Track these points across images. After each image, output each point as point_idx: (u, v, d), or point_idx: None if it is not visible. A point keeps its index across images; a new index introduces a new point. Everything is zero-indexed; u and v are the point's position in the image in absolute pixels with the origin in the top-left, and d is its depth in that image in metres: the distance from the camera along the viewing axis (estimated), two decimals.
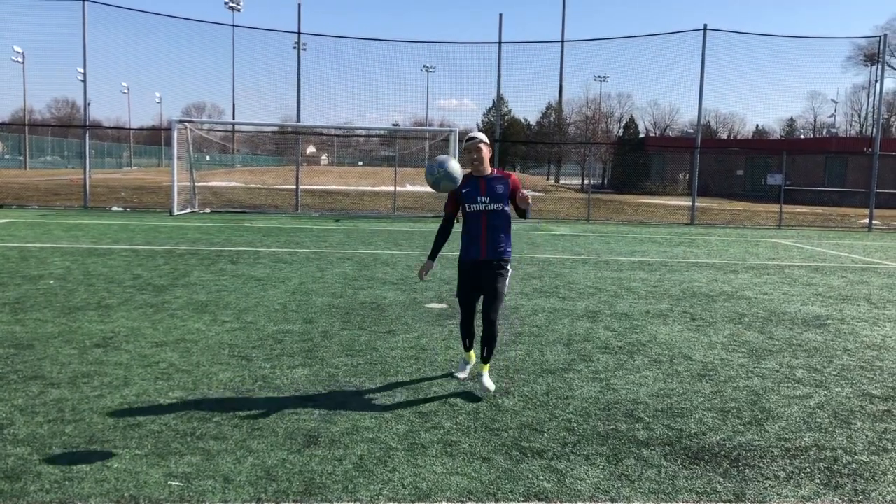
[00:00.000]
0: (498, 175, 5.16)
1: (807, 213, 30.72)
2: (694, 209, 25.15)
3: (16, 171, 55.37)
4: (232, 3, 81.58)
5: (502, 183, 5.11)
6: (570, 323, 7.66)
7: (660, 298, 9.35)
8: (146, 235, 14.97)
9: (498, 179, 5.13)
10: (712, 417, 4.85)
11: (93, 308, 7.62)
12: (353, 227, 19.01)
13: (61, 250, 12.19)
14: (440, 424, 4.54)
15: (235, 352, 6.08)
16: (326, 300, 8.46)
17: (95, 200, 24.04)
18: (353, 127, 34.13)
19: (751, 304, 9.13)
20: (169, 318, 7.28)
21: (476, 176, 5.14)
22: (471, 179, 5.13)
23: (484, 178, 5.12)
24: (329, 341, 6.53)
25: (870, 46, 58.07)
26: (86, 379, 5.19)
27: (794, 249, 16.70)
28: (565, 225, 22.46)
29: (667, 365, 6.15)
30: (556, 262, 12.67)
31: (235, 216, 21.46)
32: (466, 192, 5.10)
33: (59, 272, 9.84)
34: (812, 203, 38.94)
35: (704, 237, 19.38)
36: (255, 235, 15.69)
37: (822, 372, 6.10)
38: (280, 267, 11.00)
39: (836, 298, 9.85)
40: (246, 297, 8.47)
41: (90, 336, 6.44)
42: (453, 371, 5.53)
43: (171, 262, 11.08)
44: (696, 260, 13.81)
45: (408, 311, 7.99)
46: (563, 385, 5.45)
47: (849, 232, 23.65)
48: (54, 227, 16.31)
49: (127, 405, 4.68)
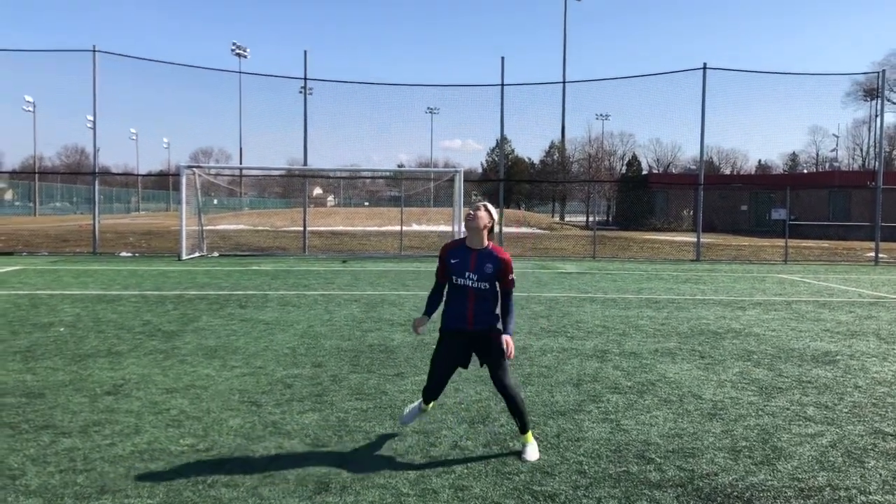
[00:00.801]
0: (492, 252, 4.82)
1: (812, 248, 30.71)
2: (699, 245, 25.18)
3: (26, 217, 55.91)
4: (238, 49, 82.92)
5: (492, 262, 4.77)
6: (578, 363, 7.66)
7: (668, 336, 9.34)
8: (155, 281, 15.06)
9: (489, 257, 4.79)
10: (724, 457, 4.83)
11: (103, 355, 7.66)
12: (360, 268, 19.08)
13: (71, 297, 12.27)
14: (451, 469, 4.53)
15: (245, 397, 6.10)
16: (335, 343, 8.49)
17: (105, 246, 24.22)
18: (359, 169, 34.39)
19: (759, 341, 9.12)
20: (179, 363, 7.31)
21: (469, 247, 4.83)
22: (462, 250, 4.84)
23: (476, 252, 4.80)
24: (338, 385, 6.55)
25: (868, 82, 58.62)
26: (97, 427, 5.22)
27: (800, 284, 16.68)
28: (571, 263, 22.49)
29: (677, 404, 6.14)
30: (563, 301, 12.68)
31: (243, 259, 21.58)
32: (455, 264, 4.81)
33: (69, 319, 9.90)
34: (817, 237, 38.92)
35: (711, 273, 19.38)
36: (263, 279, 15.77)
37: (833, 409, 6.07)
38: (288, 310, 11.04)
39: (845, 334, 9.82)
40: (255, 342, 8.50)
41: (101, 383, 6.47)
42: (404, 416, 5.23)
43: (180, 308, 11.14)
44: (704, 297, 13.80)
45: (416, 352, 8.00)
46: (574, 426, 5.44)
47: (855, 266, 23.61)
48: (64, 273, 16.42)
49: (138, 453, 4.70)
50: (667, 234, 40.47)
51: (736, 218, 50.95)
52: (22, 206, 67.70)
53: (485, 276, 4.77)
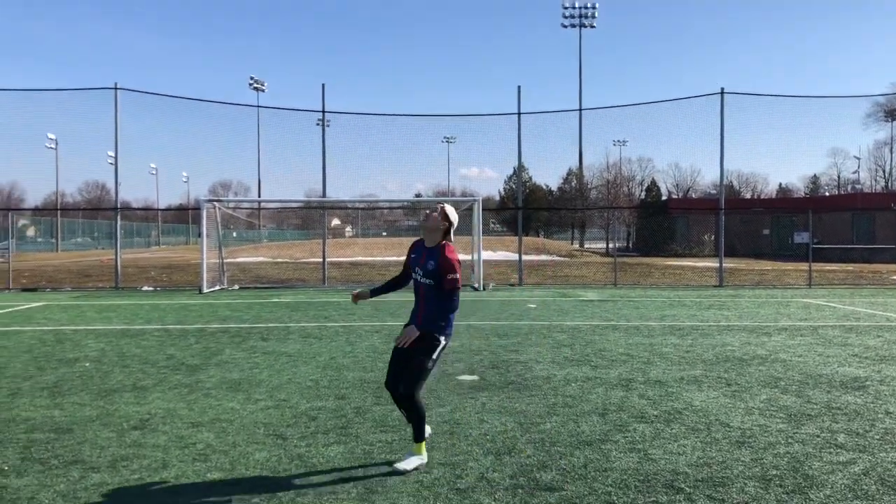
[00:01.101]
0: (439, 250, 5.07)
1: (837, 271, 30.37)
2: (722, 270, 24.98)
3: (48, 253, 56.62)
4: (256, 83, 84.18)
5: (434, 259, 5.02)
6: (603, 392, 7.60)
7: (693, 364, 9.26)
8: (177, 314, 15.18)
9: (435, 254, 5.05)
10: (754, 486, 4.76)
11: (129, 390, 7.71)
12: (380, 299, 19.08)
13: (95, 332, 12.38)
14: (479, 501, 4.50)
15: (270, 430, 6.11)
16: (358, 374, 8.49)
17: (126, 280, 24.46)
18: (377, 200, 34.57)
19: (786, 367, 9.01)
20: (203, 397, 7.35)
21: (424, 245, 5.18)
22: (421, 247, 5.21)
23: (427, 250, 5.12)
24: (362, 417, 6.54)
25: (889, 103, 58.34)
26: (125, 462, 5.24)
27: (826, 309, 16.48)
28: (592, 290, 22.39)
29: (704, 433, 6.06)
30: (585, 329, 12.61)
31: (264, 292, 21.69)
32: (413, 259, 5.24)
33: (94, 354, 9.99)
34: (841, 260, 38.54)
35: (734, 299, 19.21)
36: (283, 311, 15.84)
37: (864, 436, 5.97)
38: (310, 342, 11.07)
39: (874, 359, 9.68)
40: (278, 374, 8.52)
41: (127, 418, 6.51)
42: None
43: (202, 341, 11.21)
44: (728, 322, 13.68)
45: (439, 384, 7.98)
46: (601, 457, 5.39)
47: (881, 289, 23.31)
48: (87, 308, 16.59)
49: (167, 488, 4.71)
50: (688, 260, 40.23)
51: (758, 242, 50.60)
52: (44, 241, 68.65)
53: (428, 273, 5.04)
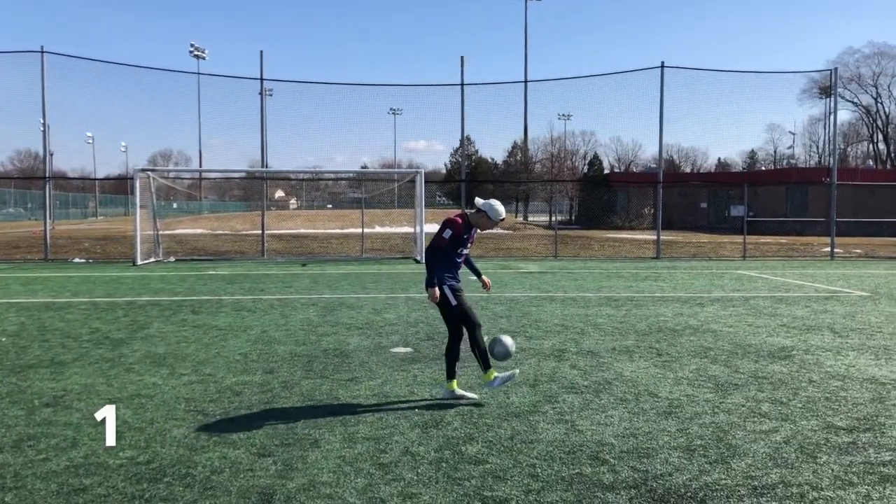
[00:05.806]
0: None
1: (770, 244, 31.15)
2: (659, 243, 25.37)
3: None
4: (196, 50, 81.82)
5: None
6: (536, 363, 7.58)
7: (626, 334, 9.32)
8: (107, 287, 14.68)
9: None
10: (678, 457, 4.77)
11: (45, 365, 7.38)
12: (319, 271, 18.84)
13: (17, 305, 11.88)
14: (401, 476, 4.40)
15: (192, 406, 5.90)
16: (289, 348, 8.30)
17: (57, 252, 23.59)
18: (321, 171, 34.11)
19: (716, 338, 9.14)
20: (125, 372, 7.07)
21: (475, 230, 6.20)
22: (470, 230, 6.11)
23: (474, 234, 6.22)
24: (289, 392, 6.38)
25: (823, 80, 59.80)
26: (31, 442, 4.98)
27: (758, 280, 16.86)
28: (533, 262, 22.49)
29: (633, 403, 6.08)
30: (523, 301, 12.62)
31: (200, 264, 21.18)
32: (466, 238, 6.09)
33: (12, 329, 9.56)
34: (775, 233, 39.52)
35: (670, 270, 19.52)
36: (219, 283, 15.47)
37: (787, 405, 6.07)
38: (243, 315, 10.81)
39: (801, 329, 9.90)
40: (206, 348, 8.27)
41: (40, 395, 6.21)
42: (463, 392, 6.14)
43: (130, 314, 10.84)
44: (663, 294, 13.86)
45: (372, 356, 7.86)
46: (528, 428, 5.35)
47: (811, 261, 24.00)
48: (12, 281, 15.93)
49: (73, 468, 4.48)
50: (628, 233, 40.80)
51: (696, 215, 51.63)
52: None
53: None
